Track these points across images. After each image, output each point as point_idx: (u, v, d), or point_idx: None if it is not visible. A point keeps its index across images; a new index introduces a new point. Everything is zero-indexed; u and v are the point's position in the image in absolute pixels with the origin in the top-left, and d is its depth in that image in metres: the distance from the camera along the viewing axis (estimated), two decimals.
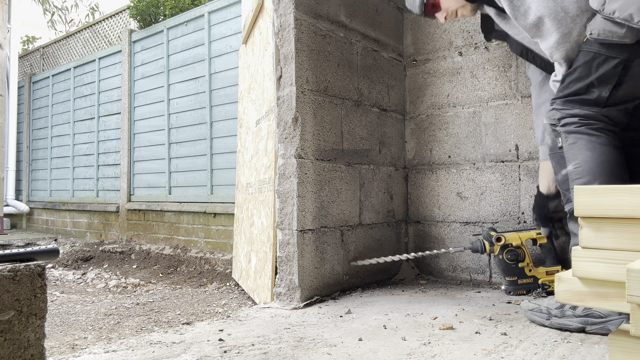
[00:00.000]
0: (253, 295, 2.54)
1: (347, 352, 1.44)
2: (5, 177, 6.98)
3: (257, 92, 2.73)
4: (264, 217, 2.41)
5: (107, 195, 5.55)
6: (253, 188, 2.74)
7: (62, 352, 1.82)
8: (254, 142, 2.77)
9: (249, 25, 2.89)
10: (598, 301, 1.02)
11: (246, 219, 2.89)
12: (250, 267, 2.67)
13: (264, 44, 2.54)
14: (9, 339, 0.97)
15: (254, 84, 2.82)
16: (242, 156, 3.18)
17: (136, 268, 4.03)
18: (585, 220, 1.05)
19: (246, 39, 3.08)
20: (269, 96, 2.41)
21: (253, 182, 2.74)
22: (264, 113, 2.51)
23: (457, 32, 2.70)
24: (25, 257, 1.06)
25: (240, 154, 3.24)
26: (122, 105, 5.21)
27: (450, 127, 2.70)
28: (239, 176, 3.25)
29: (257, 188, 2.62)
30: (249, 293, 2.68)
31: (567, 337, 1.53)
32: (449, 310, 1.92)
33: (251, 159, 2.83)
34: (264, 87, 2.51)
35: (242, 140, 3.18)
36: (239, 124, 3.35)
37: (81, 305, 2.68)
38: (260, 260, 2.43)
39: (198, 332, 1.69)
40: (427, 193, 2.79)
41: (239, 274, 3.05)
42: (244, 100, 3.16)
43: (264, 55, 2.54)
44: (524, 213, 2.43)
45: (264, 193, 2.45)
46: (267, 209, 2.35)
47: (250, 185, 2.83)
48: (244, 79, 3.21)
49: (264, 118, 2.51)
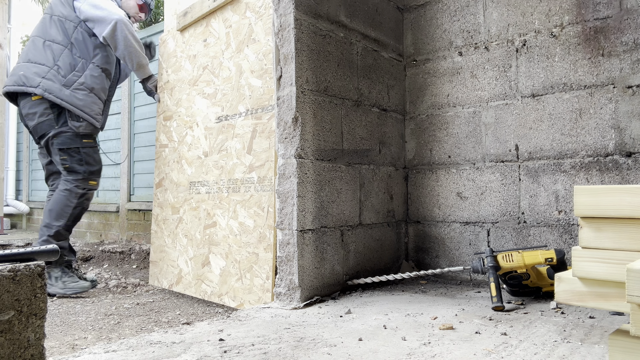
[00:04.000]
0: (220, 299, 2.50)
1: (347, 352, 1.44)
2: (5, 177, 6.98)
3: (219, 87, 2.65)
4: (247, 218, 2.38)
5: (107, 195, 5.55)
6: (212, 187, 2.65)
7: (62, 352, 1.82)
8: (213, 139, 2.68)
9: (200, 14, 2.80)
10: (598, 301, 1.02)
11: (194, 220, 2.79)
12: (208, 271, 2.61)
13: (240, 39, 2.50)
14: (9, 339, 0.97)
15: (209, 76, 2.73)
16: (173, 151, 3.03)
17: (136, 268, 4.03)
18: (585, 220, 1.05)
19: (186, 27, 2.96)
20: (256, 94, 2.39)
21: (212, 182, 2.66)
22: (243, 110, 2.47)
23: (457, 32, 2.70)
24: (25, 257, 1.06)
25: (170, 149, 3.07)
26: (122, 105, 5.21)
27: (450, 127, 2.70)
28: (166, 173, 3.10)
29: (226, 187, 2.55)
30: (206, 299, 2.61)
31: (567, 337, 1.53)
32: (449, 310, 1.92)
33: (205, 157, 2.73)
34: (243, 83, 2.47)
35: (176, 135, 3.02)
36: (162, 117, 3.18)
37: (81, 305, 2.68)
38: (238, 262, 2.40)
39: (198, 332, 1.69)
40: (427, 193, 2.79)
41: (171, 279, 2.93)
42: (178, 91, 3.01)
43: (240, 50, 2.50)
44: (524, 213, 2.43)
45: (245, 193, 2.42)
46: (256, 209, 2.33)
47: (203, 184, 2.73)
48: (176, 69, 3.05)
49: (244, 115, 2.47)
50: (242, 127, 2.47)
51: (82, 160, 2.96)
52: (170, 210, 3.04)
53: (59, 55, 2.95)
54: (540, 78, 2.40)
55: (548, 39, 2.38)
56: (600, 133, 2.23)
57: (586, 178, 2.26)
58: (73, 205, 2.95)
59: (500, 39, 2.53)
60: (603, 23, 2.23)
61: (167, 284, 2.98)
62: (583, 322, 1.71)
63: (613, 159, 2.19)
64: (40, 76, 2.90)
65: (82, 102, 2.93)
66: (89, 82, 2.97)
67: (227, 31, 2.62)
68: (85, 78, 2.97)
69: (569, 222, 2.29)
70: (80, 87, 2.94)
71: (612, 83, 2.21)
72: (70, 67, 2.94)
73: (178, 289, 2.85)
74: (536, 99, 2.41)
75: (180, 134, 2.99)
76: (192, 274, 2.75)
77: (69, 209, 2.94)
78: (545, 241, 2.34)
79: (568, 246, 2.27)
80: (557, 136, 2.34)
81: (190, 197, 2.84)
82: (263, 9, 2.37)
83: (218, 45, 2.69)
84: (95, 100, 2.99)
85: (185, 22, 2.95)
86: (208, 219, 2.67)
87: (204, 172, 2.74)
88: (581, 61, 2.29)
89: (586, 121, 2.27)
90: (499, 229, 2.50)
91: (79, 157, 2.95)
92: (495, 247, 2.49)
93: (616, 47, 2.20)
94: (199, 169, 2.79)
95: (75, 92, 2.92)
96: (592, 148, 2.25)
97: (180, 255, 2.89)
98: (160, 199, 3.15)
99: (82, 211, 3.01)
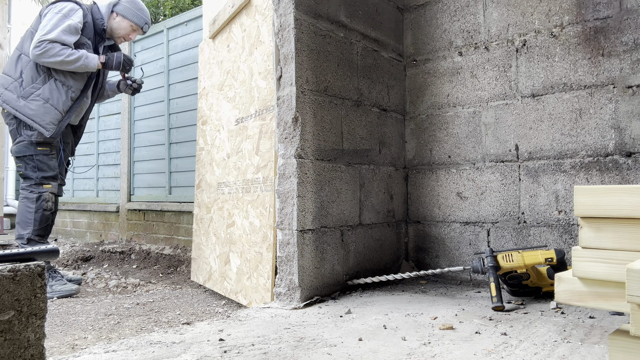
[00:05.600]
0: (236, 297, 2.51)
1: (347, 352, 1.44)
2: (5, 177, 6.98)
3: (237, 90, 2.68)
4: (255, 218, 2.39)
5: (107, 195, 5.55)
6: (232, 188, 2.68)
7: (62, 352, 1.82)
8: (233, 140, 2.71)
9: (224, 21, 2.83)
10: (598, 301, 1.02)
11: (220, 220, 2.83)
12: (228, 269, 2.63)
13: (251, 42, 2.51)
14: (9, 339, 0.97)
15: (231, 80, 2.76)
16: (207, 154, 3.10)
17: (136, 268, 4.03)
18: (585, 220, 1.05)
19: (216, 34, 3.01)
20: (262, 95, 2.39)
21: (232, 182, 2.69)
22: (253, 112, 2.48)
23: (457, 32, 2.70)
24: (25, 257, 1.06)
25: (206, 152, 3.14)
26: (122, 105, 5.21)
27: (450, 127, 2.70)
28: (203, 175, 3.17)
29: (241, 188, 2.57)
30: (227, 296, 2.64)
31: (567, 337, 1.53)
32: (449, 310, 1.92)
33: (228, 158, 2.77)
34: (254, 85, 2.48)
35: (210, 138, 3.09)
36: (200, 122, 3.26)
37: (81, 305, 2.68)
38: (249, 261, 2.41)
39: (198, 332, 1.69)
40: (427, 193, 2.78)
41: (205, 276, 2.99)
42: (211, 97, 3.08)
43: (251, 53, 2.51)
44: (524, 213, 2.43)
45: (253, 193, 2.42)
46: (261, 209, 2.33)
47: (226, 184, 2.77)
48: (210, 75, 3.13)
49: (253, 117, 2.47)
50: (252, 128, 2.49)
51: (35, 167, 3.02)
52: (205, 210, 3.11)
53: (25, 67, 3.01)
54: (540, 78, 2.40)
55: (548, 39, 2.38)
56: (600, 133, 2.23)
57: (586, 178, 2.26)
58: (32, 210, 3.00)
59: (500, 39, 2.53)
60: (603, 23, 2.23)
61: (202, 280, 3.06)
62: (583, 322, 1.70)
63: (613, 159, 2.19)
64: (4, 87, 3.00)
65: (33, 112, 2.95)
66: (46, 94, 2.99)
67: (242, 35, 2.64)
68: (43, 90, 2.99)
69: (569, 222, 2.29)
70: (36, 98, 2.97)
71: (612, 83, 2.21)
72: (31, 79, 2.99)
73: (209, 285, 2.92)
74: (536, 99, 2.41)
75: (212, 137, 3.06)
76: (219, 271, 2.79)
77: (30, 215, 3.00)
78: (545, 241, 2.34)
79: (568, 246, 2.27)
80: (557, 136, 2.34)
81: (218, 198, 2.90)
82: (267, 10, 2.37)
83: (237, 49, 2.71)
84: (50, 110, 2.99)
85: (214, 30, 3.02)
86: (229, 218, 2.71)
87: (227, 173, 2.78)
88: (581, 61, 2.29)
89: (586, 121, 2.27)
90: (499, 229, 2.50)
91: (33, 164, 3.01)
92: (495, 247, 2.49)
93: (616, 47, 2.20)
94: (224, 170, 2.83)
95: (30, 103, 2.96)
96: (592, 148, 2.25)
97: (211, 253, 2.95)
98: (199, 199, 3.23)
99: (44, 214, 3.03)
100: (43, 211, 3.01)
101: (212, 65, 3.10)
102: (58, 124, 3.03)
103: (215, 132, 2.98)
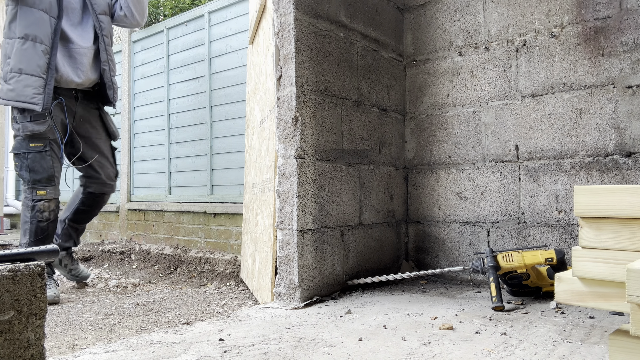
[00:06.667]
0: (257, 294, 2.54)
1: (347, 352, 1.44)
2: (5, 177, 6.99)
3: (261, 93, 2.74)
4: (265, 217, 2.42)
5: None
6: (257, 188, 2.75)
7: (62, 352, 1.82)
8: (258, 142, 2.78)
9: (254, 26, 2.90)
10: (598, 301, 1.02)
11: (251, 219, 2.90)
12: (254, 267, 2.68)
13: (266, 45, 2.55)
14: (9, 339, 0.97)
15: (259, 84, 2.82)
16: (248, 156, 3.20)
17: (136, 268, 4.03)
18: (585, 220, 1.05)
19: (252, 39, 3.09)
20: (270, 96, 2.42)
21: (257, 182, 2.75)
22: (267, 113, 2.52)
23: (457, 32, 2.70)
24: (25, 257, 1.06)
25: (247, 154, 3.25)
26: (122, 105, 5.21)
27: (450, 127, 2.70)
28: (246, 176, 3.26)
29: (260, 188, 2.63)
30: (253, 293, 2.68)
31: (567, 337, 1.53)
32: (449, 310, 1.92)
33: (256, 159, 2.85)
34: (267, 87, 2.52)
35: (249, 141, 3.19)
36: (246, 125, 3.37)
37: (81, 305, 2.68)
38: (262, 260, 2.43)
39: (198, 332, 1.69)
40: (427, 193, 2.79)
41: (245, 273, 3.07)
42: (251, 101, 3.17)
43: (266, 55, 2.54)
44: (524, 213, 2.43)
45: (266, 193, 2.46)
46: (269, 209, 2.35)
47: (255, 185, 2.85)
48: (250, 80, 3.23)
49: (267, 118, 2.52)
50: (266, 129, 2.53)
51: (27, 168, 2.69)
52: (245, 210, 3.20)
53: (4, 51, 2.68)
54: (540, 78, 2.40)
55: (548, 39, 2.38)
56: (600, 133, 2.23)
57: (586, 178, 2.26)
58: (28, 220, 2.71)
59: (500, 39, 2.53)
60: (603, 23, 2.23)
61: (244, 276, 3.12)
62: (583, 322, 1.70)
63: (613, 159, 2.19)
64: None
65: (14, 92, 2.61)
66: (15, 63, 2.61)
67: (263, 38, 2.68)
68: (12, 60, 2.62)
69: (569, 222, 2.29)
70: (9, 74, 2.63)
71: (612, 83, 2.21)
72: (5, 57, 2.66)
73: (247, 281, 2.97)
74: (536, 99, 2.41)
75: (250, 139, 3.15)
76: (250, 269, 2.85)
77: (27, 225, 2.72)
78: (545, 241, 2.34)
79: (568, 246, 2.27)
80: (557, 136, 2.34)
81: (252, 198, 2.97)
82: None
83: (261, 53, 2.75)
84: (27, 81, 2.61)
85: (249, 35, 3.10)
86: (254, 218, 2.77)
87: (255, 174, 2.85)
88: (581, 61, 2.29)
89: (586, 121, 2.27)
90: (499, 229, 2.50)
91: (26, 162, 2.69)
92: (495, 247, 2.49)
93: (616, 47, 2.20)
94: (255, 171, 2.89)
95: (8, 84, 2.62)
96: (592, 148, 2.25)
97: (247, 251, 3.01)
98: (245, 200, 3.30)
99: (39, 225, 2.71)
100: (38, 222, 2.71)
101: (250, 70, 3.23)
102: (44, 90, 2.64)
103: (251, 134, 3.09)
